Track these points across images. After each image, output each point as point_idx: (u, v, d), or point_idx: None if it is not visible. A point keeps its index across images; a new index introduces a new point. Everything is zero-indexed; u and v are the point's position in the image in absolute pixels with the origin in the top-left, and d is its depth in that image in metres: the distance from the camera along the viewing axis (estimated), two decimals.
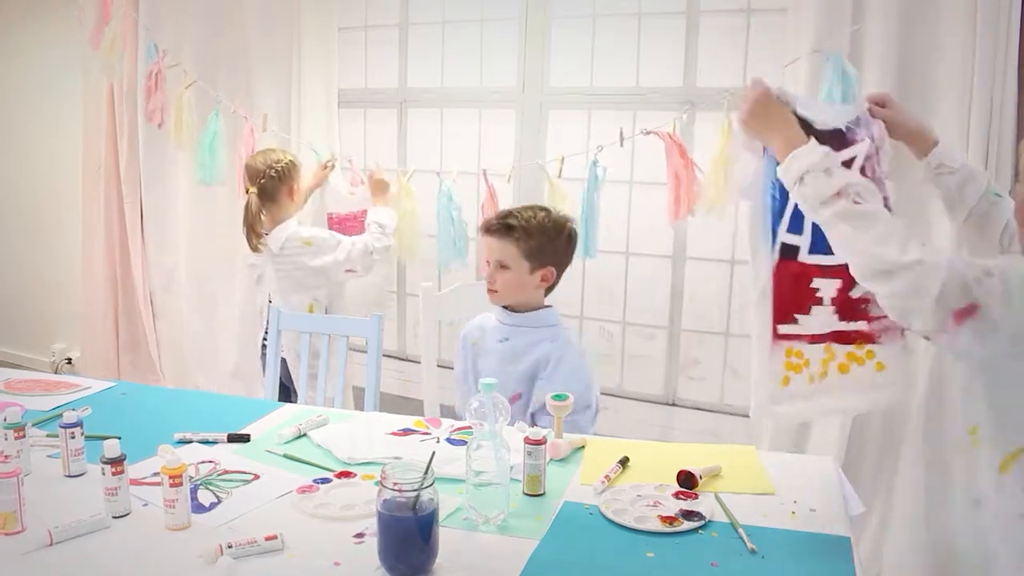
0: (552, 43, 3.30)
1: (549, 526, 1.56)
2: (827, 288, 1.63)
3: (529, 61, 3.32)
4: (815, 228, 1.59)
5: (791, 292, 1.64)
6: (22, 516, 1.50)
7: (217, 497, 1.66)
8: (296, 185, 3.02)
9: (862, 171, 1.63)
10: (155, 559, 1.44)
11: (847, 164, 1.61)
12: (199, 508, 1.61)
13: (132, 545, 1.48)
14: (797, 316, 1.64)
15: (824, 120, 1.64)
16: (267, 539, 1.45)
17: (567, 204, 2.85)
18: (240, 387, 3.78)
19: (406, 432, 2.03)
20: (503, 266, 2.23)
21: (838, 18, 2.62)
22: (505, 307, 2.30)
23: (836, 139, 1.63)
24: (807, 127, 1.61)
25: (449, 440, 1.97)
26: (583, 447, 1.91)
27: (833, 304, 1.62)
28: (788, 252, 1.65)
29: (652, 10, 3.17)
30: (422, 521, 1.37)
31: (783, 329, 1.64)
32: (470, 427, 1.96)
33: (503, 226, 2.23)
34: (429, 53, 3.58)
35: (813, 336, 1.63)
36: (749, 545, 1.46)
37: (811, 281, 1.64)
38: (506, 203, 3.15)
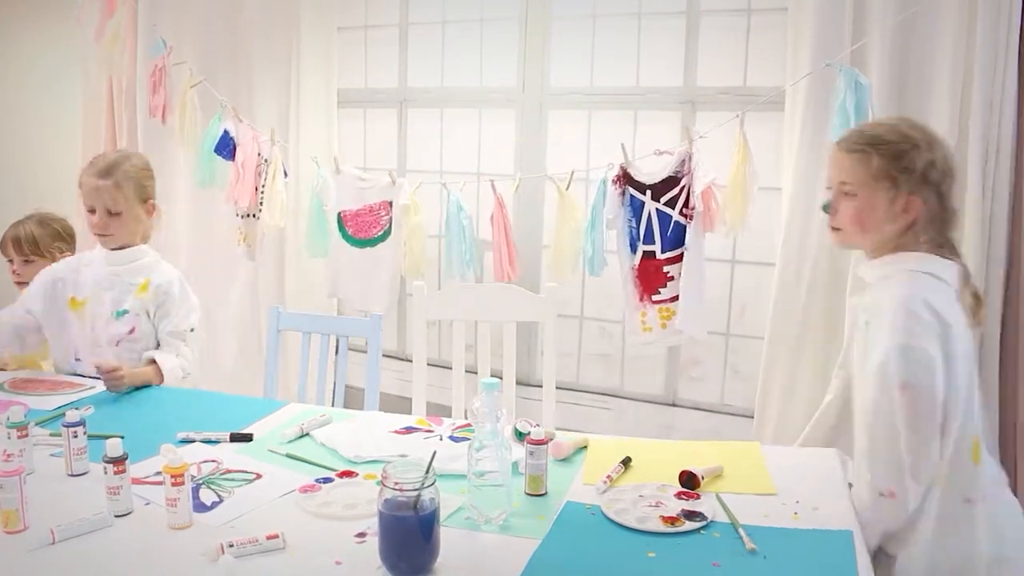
0: (552, 43, 3.30)
1: (551, 526, 1.57)
2: (674, 270, 2.72)
3: (529, 61, 3.32)
4: (662, 236, 2.72)
5: (654, 277, 2.76)
6: (25, 514, 1.50)
7: (219, 496, 1.66)
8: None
9: (686, 201, 2.66)
10: (157, 558, 1.44)
11: (674, 200, 2.68)
12: (201, 507, 1.61)
13: (134, 544, 1.48)
14: (660, 289, 2.76)
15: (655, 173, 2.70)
16: (269, 538, 1.46)
17: (577, 215, 2.84)
18: (240, 387, 3.77)
19: (409, 430, 2.04)
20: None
21: (838, 18, 2.63)
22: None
23: (671, 180, 2.69)
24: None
25: (452, 438, 1.98)
26: (585, 447, 1.91)
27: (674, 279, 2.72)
28: (649, 255, 2.75)
29: (652, 10, 3.17)
30: (423, 520, 1.37)
31: (655, 297, 2.77)
32: (469, 424, 1.97)
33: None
34: (429, 53, 3.58)
35: (672, 298, 2.74)
36: (750, 545, 1.47)
37: (663, 268, 2.74)
38: (510, 208, 3.15)
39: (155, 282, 2.41)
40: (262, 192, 3.35)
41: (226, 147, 3.38)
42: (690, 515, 1.58)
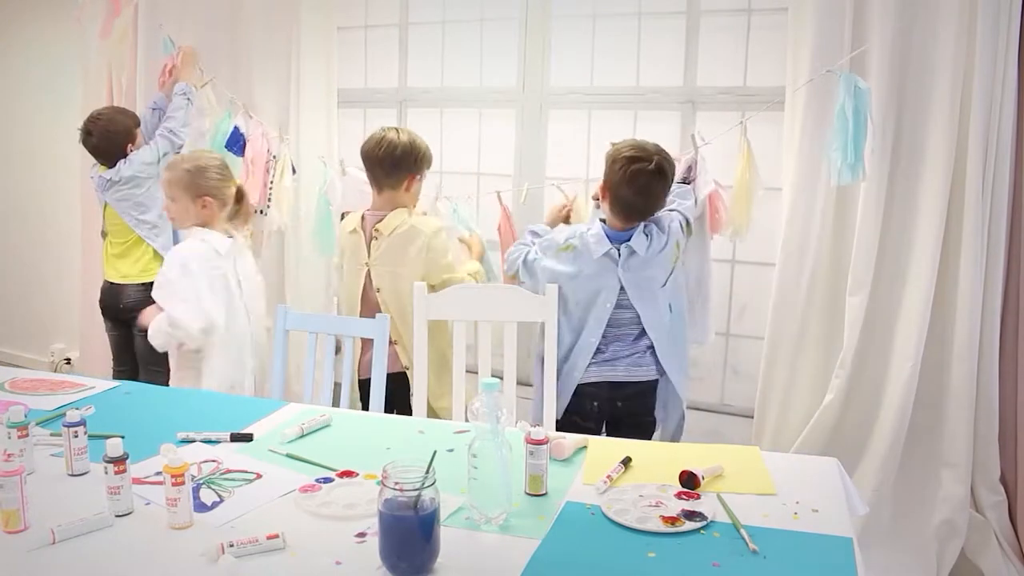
0: (552, 43, 3.30)
1: (551, 526, 1.56)
2: None
3: (529, 61, 3.32)
4: None
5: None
6: (25, 514, 1.50)
7: (219, 496, 1.66)
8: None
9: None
10: (157, 558, 1.44)
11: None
12: (201, 507, 1.61)
13: (134, 544, 1.48)
14: None
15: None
16: (269, 538, 1.46)
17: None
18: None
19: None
20: None
21: (838, 17, 2.63)
22: None
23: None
24: None
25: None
26: (585, 447, 1.91)
27: None
28: None
29: (652, 10, 3.17)
30: (423, 520, 1.37)
31: None
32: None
33: None
34: (429, 53, 3.58)
35: None
36: (751, 546, 1.47)
37: None
38: (511, 209, 3.14)
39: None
40: (271, 188, 3.35)
41: (237, 143, 3.39)
42: (690, 515, 1.58)
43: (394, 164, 2.72)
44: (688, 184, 2.73)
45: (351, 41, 3.70)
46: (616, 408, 2.59)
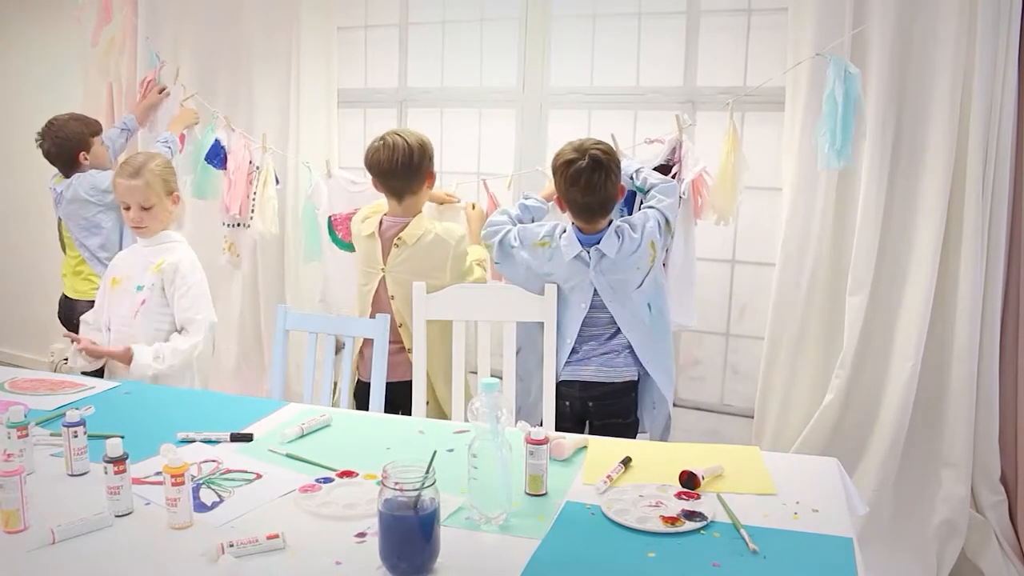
0: (552, 43, 3.30)
1: (551, 526, 1.56)
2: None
3: (529, 61, 3.32)
4: None
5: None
6: (25, 514, 1.50)
7: (219, 496, 1.66)
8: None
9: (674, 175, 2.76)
10: (157, 558, 1.44)
11: (666, 170, 2.79)
12: (201, 507, 1.61)
13: (134, 544, 1.48)
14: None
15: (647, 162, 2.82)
16: (269, 538, 1.46)
17: None
18: (240, 387, 3.78)
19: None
20: None
21: (838, 18, 2.63)
22: None
23: (662, 168, 2.78)
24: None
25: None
26: (585, 447, 1.91)
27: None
28: None
29: (652, 10, 3.17)
30: (423, 520, 1.37)
31: None
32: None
33: None
34: (429, 53, 3.58)
35: None
36: (751, 546, 1.47)
37: None
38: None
39: (168, 260, 2.62)
40: (254, 199, 3.36)
41: (216, 156, 3.41)
42: (690, 515, 1.57)
43: (415, 170, 2.68)
44: (671, 167, 2.74)
45: (351, 41, 3.70)
46: (588, 408, 2.57)
